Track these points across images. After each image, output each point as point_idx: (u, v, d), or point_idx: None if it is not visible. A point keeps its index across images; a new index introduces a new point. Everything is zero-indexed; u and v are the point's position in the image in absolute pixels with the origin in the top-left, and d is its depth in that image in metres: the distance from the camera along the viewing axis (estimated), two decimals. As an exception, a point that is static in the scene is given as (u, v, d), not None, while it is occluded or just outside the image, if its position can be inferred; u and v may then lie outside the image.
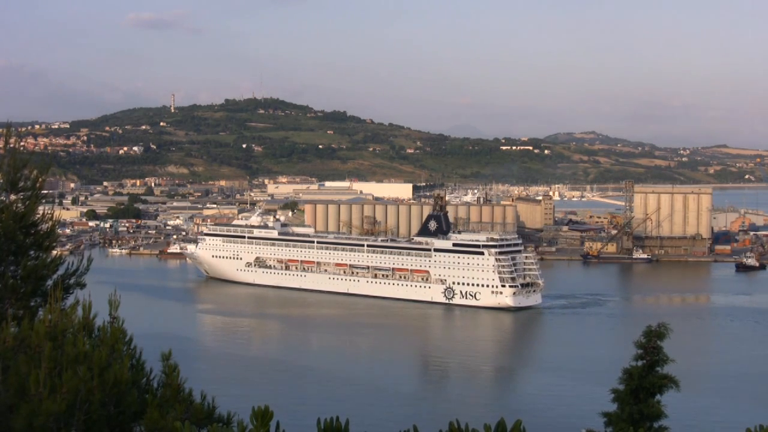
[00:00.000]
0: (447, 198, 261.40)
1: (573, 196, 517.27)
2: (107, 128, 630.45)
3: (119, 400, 12.83)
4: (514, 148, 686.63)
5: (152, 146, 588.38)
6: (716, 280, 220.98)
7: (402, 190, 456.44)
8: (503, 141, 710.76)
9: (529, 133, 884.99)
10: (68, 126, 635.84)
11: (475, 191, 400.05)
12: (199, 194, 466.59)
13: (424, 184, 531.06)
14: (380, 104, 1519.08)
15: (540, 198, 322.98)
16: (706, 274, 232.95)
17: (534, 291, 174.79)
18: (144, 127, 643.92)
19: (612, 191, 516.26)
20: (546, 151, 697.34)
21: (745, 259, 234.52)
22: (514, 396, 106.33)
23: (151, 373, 13.76)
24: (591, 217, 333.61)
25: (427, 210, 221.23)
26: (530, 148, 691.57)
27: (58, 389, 12.27)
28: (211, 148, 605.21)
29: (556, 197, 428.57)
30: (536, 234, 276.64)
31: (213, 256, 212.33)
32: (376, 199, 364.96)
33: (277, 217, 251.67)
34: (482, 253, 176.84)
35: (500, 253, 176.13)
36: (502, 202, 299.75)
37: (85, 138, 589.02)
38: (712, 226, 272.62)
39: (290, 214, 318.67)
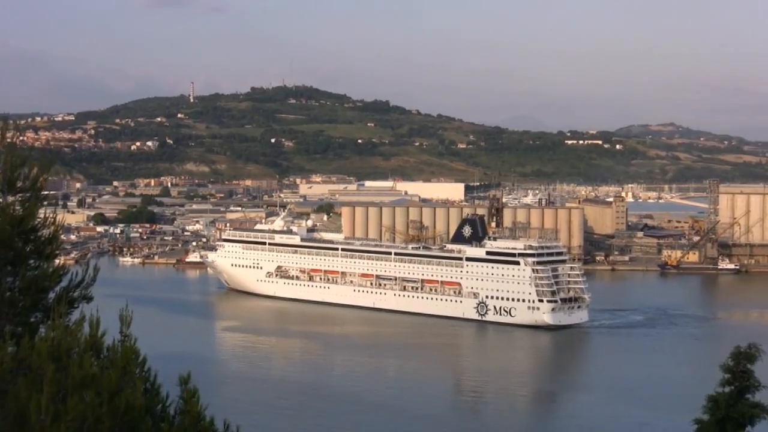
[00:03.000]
0: (504, 200, 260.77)
1: (648, 198, 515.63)
2: (117, 120, 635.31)
3: (131, 428, 12.87)
4: (580, 142, 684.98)
5: (168, 141, 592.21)
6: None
7: (452, 190, 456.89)
8: (568, 134, 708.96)
9: (597, 126, 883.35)
10: (73, 118, 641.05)
11: (537, 192, 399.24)
12: (222, 195, 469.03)
13: (477, 183, 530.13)
14: (428, 93, 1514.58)
15: (611, 200, 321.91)
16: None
17: (578, 307, 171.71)
18: (159, 119, 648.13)
19: (694, 192, 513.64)
20: (617, 146, 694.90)
21: None
22: (568, 425, 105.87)
23: (167, 398, 13.78)
24: (669, 221, 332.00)
25: (481, 213, 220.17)
26: (599, 142, 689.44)
27: (62, 416, 12.32)
28: (235, 143, 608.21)
29: (629, 199, 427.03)
30: (606, 241, 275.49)
31: (232, 265, 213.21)
32: (423, 200, 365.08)
33: (309, 221, 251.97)
34: (518, 263, 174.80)
35: (538, 263, 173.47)
36: (567, 205, 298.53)
37: (93, 132, 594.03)
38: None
39: (325, 218, 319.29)
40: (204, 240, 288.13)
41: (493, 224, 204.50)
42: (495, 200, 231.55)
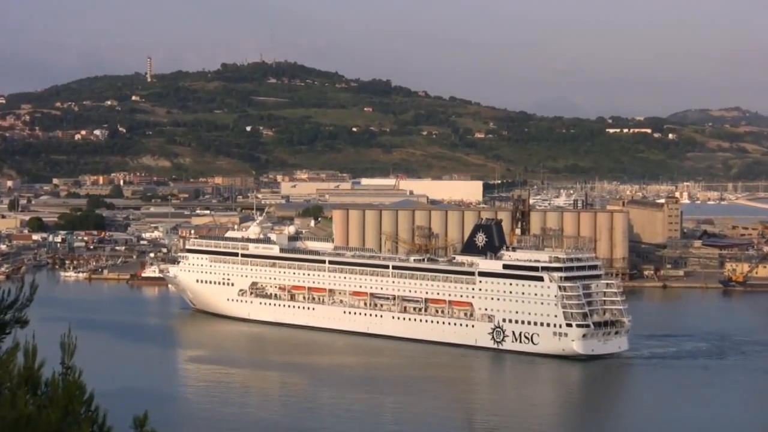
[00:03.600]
0: (531, 201, 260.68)
1: (708, 199, 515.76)
2: (58, 104, 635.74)
3: (75, 481, 12.93)
4: (625, 130, 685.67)
5: (120, 129, 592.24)
6: None
7: (468, 189, 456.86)
8: (610, 121, 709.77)
9: (646, 111, 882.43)
10: (3, 101, 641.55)
11: (571, 191, 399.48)
12: (186, 196, 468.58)
13: (499, 181, 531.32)
14: (437, 71, 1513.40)
15: (662, 201, 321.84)
16: None
17: (616, 333, 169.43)
18: (109, 102, 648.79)
19: (764, 191, 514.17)
20: (670, 135, 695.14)
21: None
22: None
23: (119, 443, 13.87)
24: (734, 227, 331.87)
25: (503, 218, 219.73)
26: (648, 130, 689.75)
27: (-8, 466, 12.40)
28: (202, 132, 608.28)
29: (685, 200, 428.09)
30: (656, 251, 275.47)
31: (198, 281, 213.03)
32: (432, 202, 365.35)
33: (291, 227, 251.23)
34: (541, 279, 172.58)
35: (566, 278, 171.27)
36: (609, 207, 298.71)
37: (27, 118, 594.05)
38: None
39: (312, 223, 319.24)
40: (164, 251, 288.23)
41: (518, 231, 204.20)
42: (520, 202, 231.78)
